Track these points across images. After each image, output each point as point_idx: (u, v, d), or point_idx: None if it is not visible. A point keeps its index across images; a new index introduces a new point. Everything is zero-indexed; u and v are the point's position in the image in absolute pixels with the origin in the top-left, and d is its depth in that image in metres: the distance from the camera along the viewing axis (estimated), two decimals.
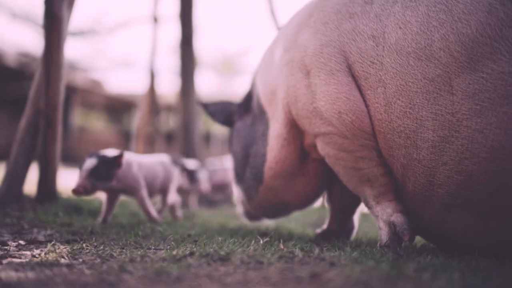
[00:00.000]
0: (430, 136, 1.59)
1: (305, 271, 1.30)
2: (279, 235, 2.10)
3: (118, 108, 18.59)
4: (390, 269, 1.27)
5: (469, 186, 1.54)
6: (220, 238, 1.86)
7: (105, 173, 2.19)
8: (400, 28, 1.69)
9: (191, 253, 1.53)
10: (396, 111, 1.68)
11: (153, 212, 2.44)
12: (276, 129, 2.17)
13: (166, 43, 15.57)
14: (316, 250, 1.57)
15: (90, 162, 2.17)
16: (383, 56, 1.72)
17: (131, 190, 2.38)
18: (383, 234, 1.78)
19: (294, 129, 2.09)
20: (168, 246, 1.73)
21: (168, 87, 12.98)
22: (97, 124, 18.73)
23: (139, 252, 1.56)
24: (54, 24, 2.73)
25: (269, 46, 2.36)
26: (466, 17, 1.55)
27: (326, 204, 2.40)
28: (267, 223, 2.76)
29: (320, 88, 1.86)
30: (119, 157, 2.24)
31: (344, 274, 1.24)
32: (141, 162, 2.49)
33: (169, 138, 9.38)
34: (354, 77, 1.81)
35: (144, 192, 2.40)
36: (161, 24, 6.13)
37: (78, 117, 16.35)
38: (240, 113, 2.52)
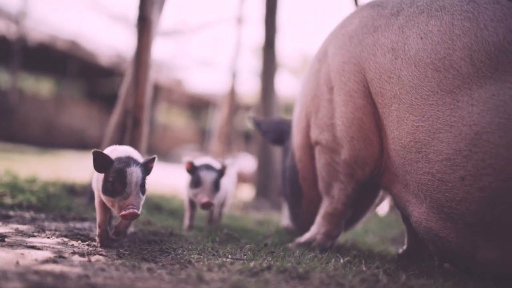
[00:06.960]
0: (444, 149, 1.47)
1: None
2: (359, 252, 1.98)
3: (197, 106, 19.26)
4: None
5: (497, 205, 1.36)
6: (297, 251, 1.80)
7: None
8: (421, 38, 1.60)
9: (269, 267, 1.49)
10: (407, 126, 1.60)
11: None
12: (299, 139, 2.15)
13: (247, 44, 15.75)
14: (403, 277, 1.45)
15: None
16: (401, 69, 1.64)
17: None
18: (317, 239, 2.00)
19: None
20: (245, 256, 1.70)
21: (248, 87, 13.14)
22: (178, 120, 19.57)
23: (216, 261, 1.55)
24: (145, 27, 2.84)
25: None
26: (494, 25, 1.43)
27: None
28: (344, 236, 2.64)
29: (340, 108, 1.89)
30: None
31: None
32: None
33: (247, 137, 9.45)
34: (371, 96, 1.79)
35: None
36: (243, 26, 6.18)
37: (162, 115, 17.18)
38: (290, 132, 2.44)
